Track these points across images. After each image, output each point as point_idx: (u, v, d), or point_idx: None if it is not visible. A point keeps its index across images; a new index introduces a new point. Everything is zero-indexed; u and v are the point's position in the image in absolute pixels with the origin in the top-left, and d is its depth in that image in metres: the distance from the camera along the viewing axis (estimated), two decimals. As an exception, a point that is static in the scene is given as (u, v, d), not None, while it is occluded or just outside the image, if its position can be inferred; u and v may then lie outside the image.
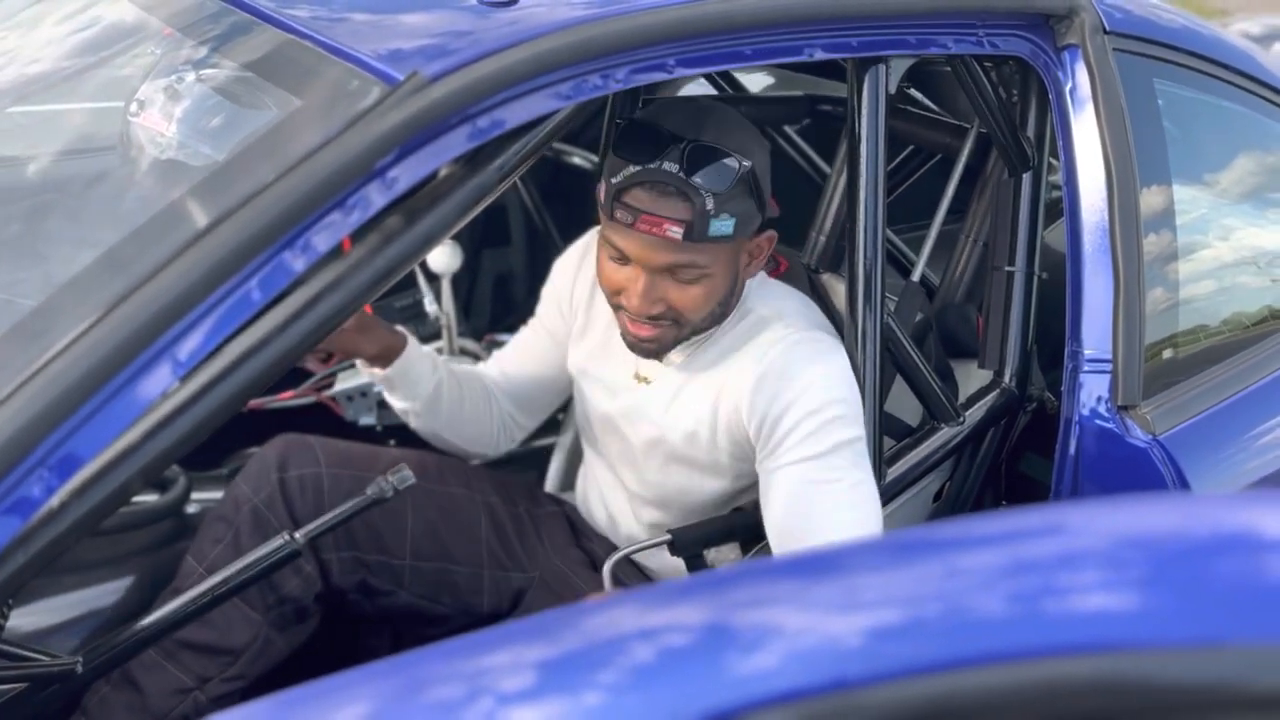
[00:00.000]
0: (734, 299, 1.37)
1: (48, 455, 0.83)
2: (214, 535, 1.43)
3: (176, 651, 1.39)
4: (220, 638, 1.40)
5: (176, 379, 0.89)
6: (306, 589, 1.45)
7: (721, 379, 1.37)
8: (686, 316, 1.32)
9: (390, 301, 2.08)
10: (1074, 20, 1.41)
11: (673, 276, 1.29)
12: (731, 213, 1.26)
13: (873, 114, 1.30)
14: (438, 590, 1.52)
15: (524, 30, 1.03)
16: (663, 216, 1.24)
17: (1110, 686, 0.55)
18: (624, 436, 1.47)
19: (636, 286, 1.29)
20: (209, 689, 1.40)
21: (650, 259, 1.27)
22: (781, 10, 1.16)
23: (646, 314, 1.31)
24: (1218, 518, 0.67)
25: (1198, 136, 1.69)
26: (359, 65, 1.01)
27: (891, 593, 0.62)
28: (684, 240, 1.25)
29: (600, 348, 1.49)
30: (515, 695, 0.62)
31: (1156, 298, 1.47)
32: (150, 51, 1.39)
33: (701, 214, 1.24)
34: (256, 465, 1.47)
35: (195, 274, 0.87)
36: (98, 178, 1.40)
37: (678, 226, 1.24)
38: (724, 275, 1.32)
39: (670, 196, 1.24)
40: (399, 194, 0.97)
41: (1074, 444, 1.39)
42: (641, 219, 1.25)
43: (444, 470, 1.57)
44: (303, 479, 1.46)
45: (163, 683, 1.38)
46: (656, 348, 1.35)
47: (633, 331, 1.34)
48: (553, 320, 1.58)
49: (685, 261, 1.27)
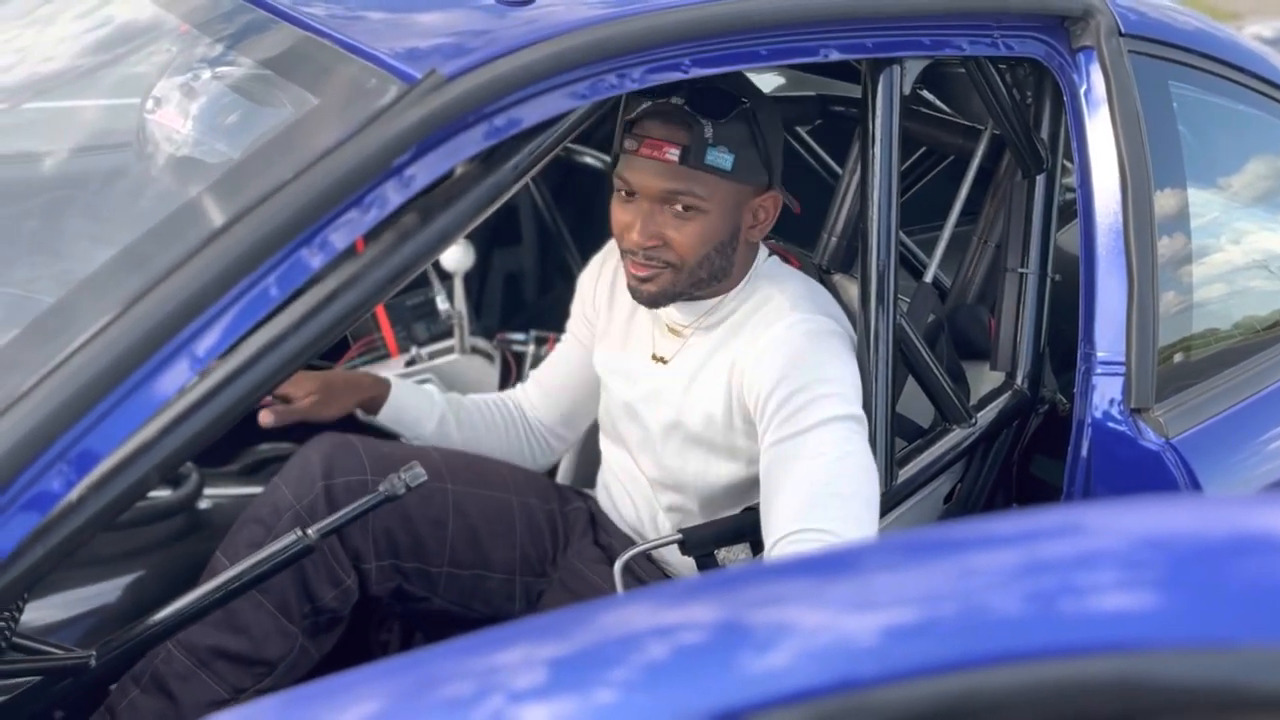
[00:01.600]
0: (734, 255, 1.40)
1: (67, 449, 0.83)
2: (251, 538, 1.40)
3: (211, 661, 1.37)
4: (255, 649, 1.39)
5: (194, 374, 0.89)
6: (345, 601, 1.44)
7: (732, 358, 1.39)
8: (683, 256, 1.36)
9: (402, 300, 2.09)
10: (1089, 22, 1.41)
11: (670, 208, 1.34)
12: (730, 148, 1.33)
13: (887, 115, 1.30)
14: (471, 597, 1.51)
15: (541, 29, 1.03)
16: (662, 140, 1.32)
17: (1126, 686, 0.55)
18: (643, 423, 1.49)
19: (639, 219, 1.35)
20: (243, 700, 1.38)
21: (649, 185, 1.33)
22: (797, 11, 1.16)
23: (644, 248, 1.35)
24: (1236, 518, 0.67)
25: (1212, 139, 1.69)
26: (377, 63, 1.01)
27: (906, 592, 0.62)
28: (680, 164, 1.32)
29: (620, 339, 1.53)
30: (526, 693, 0.62)
31: (1170, 300, 1.47)
32: (166, 49, 1.40)
33: (699, 141, 1.31)
34: (299, 469, 1.44)
35: (214, 270, 0.88)
36: (114, 174, 1.41)
37: (675, 149, 1.32)
38: (721, 218, 1.35)
39: (672, 123, 1.33)
40: (416, 192, 0.97)
41: (1086, 446, 1.39)
42: (644, 144, 1.33)
43: (486, 473, 1.56)
44: (349, 485, 1.42)
45: (197, 693, 1.36)
46: (655, 290, 1.38)
47: (633, 273, 1.39)
48: (581, 329, 1.63)
49: (682, 188, 1.33)
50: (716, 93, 1.33)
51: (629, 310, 1.51)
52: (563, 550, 1.57)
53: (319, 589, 1.41)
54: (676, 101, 1.33)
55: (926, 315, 1.53)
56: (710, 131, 1.32)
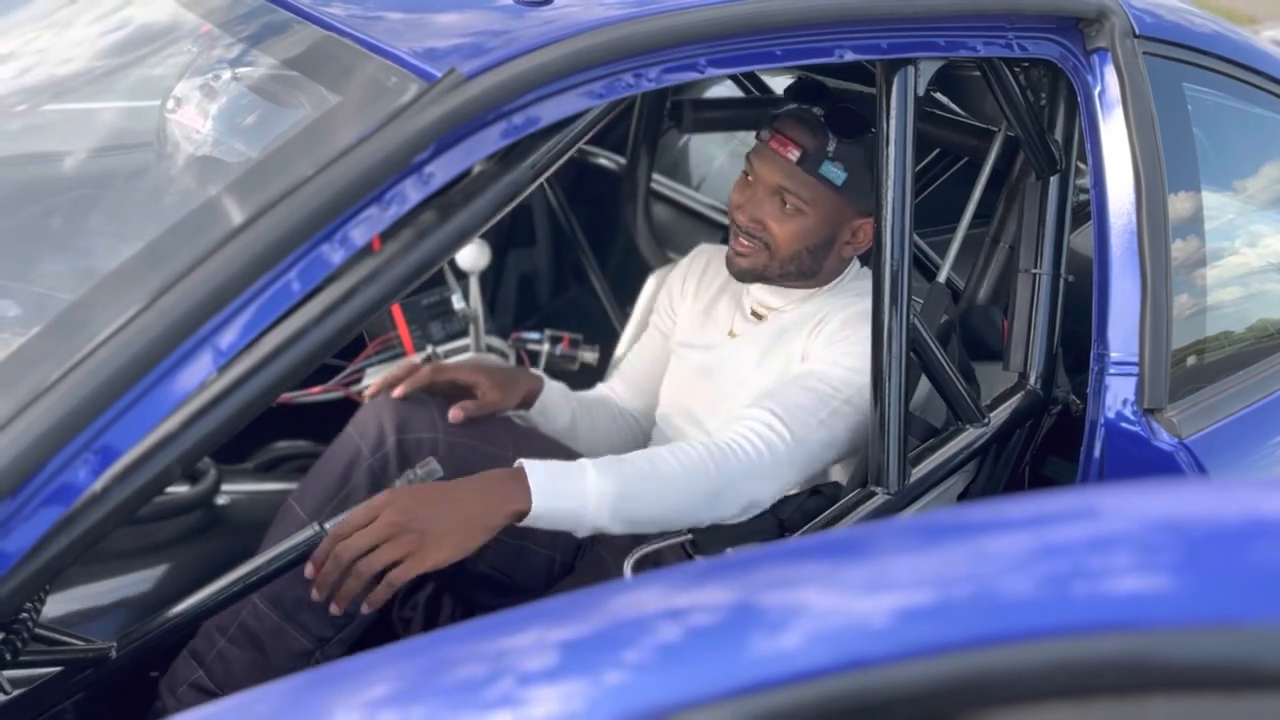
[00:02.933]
0: (826, 263, 1.55)
1: (92, 440, 0.84)
2: (324, 489, 1.43)
3: (296, 613, 1.41)
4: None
5: (216, 369, 0.91)
6: None
7: (802, 345, 1.52)
8: (777, 244, 1.51)
9: (418, 298, 2.10)
10: (1104, 24, 1.41)
11: (779, 201, 1.49)
12: (846, 166, 1.47)
13: (901, 116, 1.31)
14: (514, 566, 1.52)
15: (559, 29, 1.04)
16: (789, 139, 1.48)
17: (1135, 664, 0.55)
18: (713, 387, 1.58)
19: (750, 202, 1.52)
20: (327, 650, 1.44)
21: (766, 175, 1.50)
22: (812, 12, 1.17)
23: (747, 228, 1.51)
24: (1250, 502, 0.67)
25: (1227, 142, 1.69)
26: (397, 62, 1.02)
27: (921, 574, 0.63)
28: (797, 164, 1.47)
29: (701, 319, 1.67)
30: (537, 675, 0.62)
31: (1183, 302, 1.47)
32: (187, 49, 1.41)
33: (820, 150, 1.47)
34: (373, 423, 1.46)
35: (237, 265, 0.89)
36: (135, 173, 1.43)
37: (797, 150, 1.48)
38: (820, 224, 1.50)
39: (803, 127, 1.49)
40: (435, 189, 0.98)
41: (1099, 446, 1.39)
42: (775, 138, 1.50)
43: (543, 446, 1.58)
44: (420, 442, 1.46)
45: (285, 644, 1.41)
46: (746, 265, 1.54)
47: (734, 246, 1.55)
48: (664, 320, 1.76)
49: (791, 188, 1.48)
50: (853, 114, 1.47)
51: (713, 295, 1.67)
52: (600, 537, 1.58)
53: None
54: (817, 111, 1.49)
55: (940, 315, 1.53)
56: (833, 145, 1.47)
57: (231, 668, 1.40)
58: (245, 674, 1.39)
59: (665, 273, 1.85)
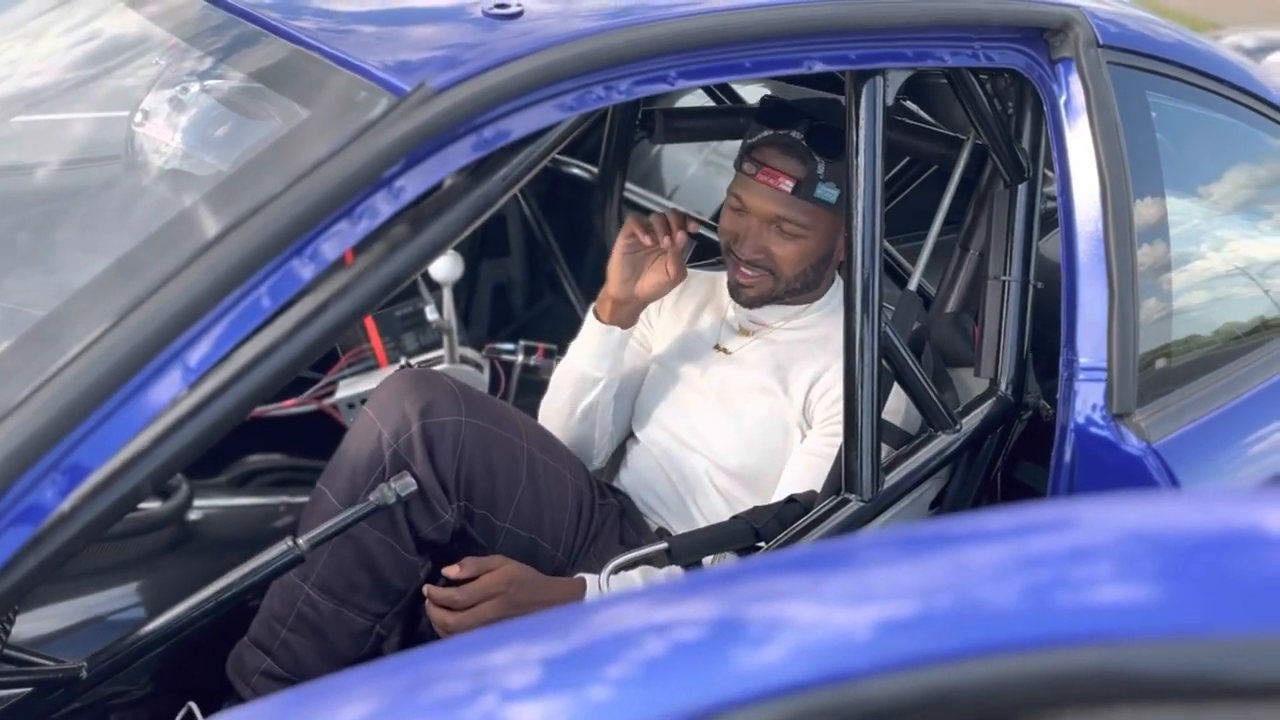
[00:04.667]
0: (826, 273, 1.60)
1: (60, 460, 0.84)
2: (353, 474, 1.43)
3: (349, 595, 1.44)
4: (386, 578, 1.45)
5: (186, 385, 0.90)
6: (442, 534, 1.48)
7: (806, 387, 1.56)
8: (782, 269, 1.55)
9: (391, 310, 2.09)
10: (1068, 34, 1.43)
11: (778, 229, 1.52)
12: (837, 184, 1.50)
13: (870, 126, 1.32)
14: (523, 561, 1.51)
15: (530, 42, 1.04)
16: (779, 170, 1.50)
17: (1109, 676, 0.56)
18: (717, 407, 1.60)
19: (748, 234, 1.53)
20: (386, 623, 1.48)
21: (762, 208, 1.52)
22: (781, 23, 1.18)
23: (750, 259, 1.54)
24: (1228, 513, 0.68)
25: (1191, 148, 1.71)
26: (367, 76, 1.02)
27: (903, 585, 0.63)
28: (792, 194, 1.50)
29: (685, 331, 1.69)
30: (519, 692, 0.62)
31: (1151, 307, 1.49)
32: (155, 62, 1.40)
33: (811, 176, 1.49)
34: (394, 406, 1.45)
35: (206, 281, 0.88)
36: (103, 187, 1.42)
37: (790, 181, 1.49)
38: (819, 242, 1.54)
39: (790, 156, 1.50)
40: (405, 203, 0.98)
41: (1069, 451, 1.41)
42: (762, 170, 1.51)
43: (553, 444, 1.59)
44: (443, 426, 1.45)
45: (344, 625, 1.45)
46: (755, 294, 1.57)
47: (736, 277, 1.57)
48: (643, 332, 1.75)
49: (790, 216, 1.51)
50: (832, 132, 1.47)
51: (693, 312, 1.69)
52: (588, 546, 1.59)
53: (420, 521, 1.46)
54: (796, 135, 1.50)
55: (911, 323, 1.55)
56: (823, 168, 1.49)
57: (297, 654, 1.44)
58: (312, 659, 1.44)
59: None
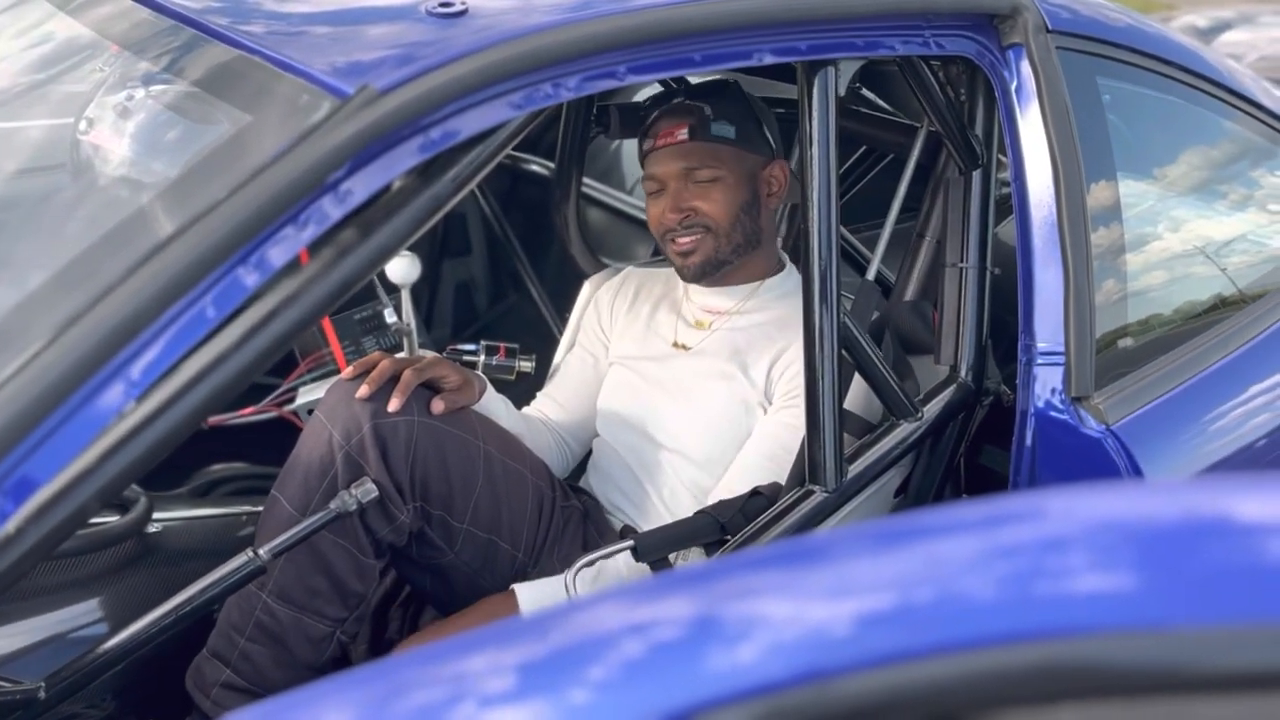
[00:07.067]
0: (760, 220, 1.62)
1: (2, 480, 0.82)
2: (306, 480, 1.40)
3: (308, 601, 1.42)
4: (343, 583, 1.43)
5: (132, 399, 0.88)
6: (400, 536, 1.46)
7: (764, 374, 1.58)
8: (715, 219, 1.57)
9: (350, 314, 2.07)
10: (1017, 20, 1.43)
11: (692, 181, 1.57)
12: (730, 120, 1.57)
13: (823, 116, 1.32)
14: (484, 562, 1.52)
15: (475, 41, 1.03)
16: (671, 128, 1.58)
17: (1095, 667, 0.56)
18: (674, 400, 1.62)
19: (668, 202, 1.58)
20: (347, 628, 1.46)
21: (670, 167, 1.58)
22: (729, 16, 1.17)
23: (680, 221, 1.57)
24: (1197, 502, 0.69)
25: (1144, 131, 1.73)
26: (310, 80, 1.00)
27: (881, 579, 0.63)
28: (690, 139, 1.56)
29: (642, 334, 1.70)
30: (497, 697, 0.62)
31: (1107, 289, 1.50)
32: (99, 69, 1.38)
33: (702, 119, 1.57)
34: (343, 407, 1.42)
35: (148, 292, 0.87)
36: (46, 196, 1.39)
37: (683, 129, 1.57)
38: (739, 183, 1.58)
39: (676, 113, 1.59)
40: (354, 207, 0.97)
41: (1030, 436, 1.42)
42: (659, 136, 1.59)
43: (512, 445, 1.58)
44: (395, 426, 1.42)
45: (304, 634, 1.42)
46: (700, 259, 1.59)
47: (676, 251, 1.60)
48: (592, 340, 1.77)
49: (696, 162, 1.56)
50: (708, 81, 1.57)
51: (649, 310, 1.72)
52: (551, 547, 1.57)
53: (375, 523, 1.43)
54: (676, 101, 1.59)
55: (870, 312, 1.55)
56: (710, 109, 1.57)
57: (256, 664, 1.42)
58: (271, 668, 1.42)
59: (599, 280, 1.85)
